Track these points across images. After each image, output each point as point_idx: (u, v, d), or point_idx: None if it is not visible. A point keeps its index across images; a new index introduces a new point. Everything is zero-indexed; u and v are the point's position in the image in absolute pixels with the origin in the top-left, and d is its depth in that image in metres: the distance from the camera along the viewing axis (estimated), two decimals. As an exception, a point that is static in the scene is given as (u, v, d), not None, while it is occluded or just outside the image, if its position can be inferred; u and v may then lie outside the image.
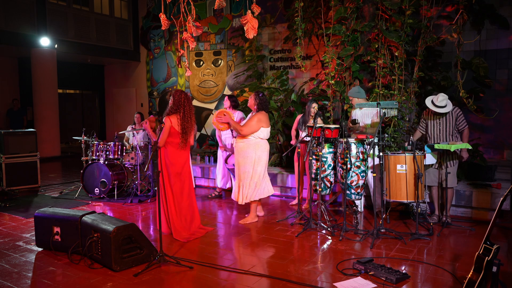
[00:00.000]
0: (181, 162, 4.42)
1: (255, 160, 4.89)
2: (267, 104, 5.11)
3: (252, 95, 5.05)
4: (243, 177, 4.90)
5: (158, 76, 12.03)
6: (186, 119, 4.35)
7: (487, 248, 2.60)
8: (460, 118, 4.75)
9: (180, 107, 4.34)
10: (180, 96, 4.36)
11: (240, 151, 4.92)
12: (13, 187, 6.82)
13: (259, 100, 4.97)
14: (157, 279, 3.39)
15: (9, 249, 4.16)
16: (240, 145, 4.94)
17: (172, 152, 4.37)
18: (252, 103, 5.02)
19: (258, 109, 4.97)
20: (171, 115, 4.33)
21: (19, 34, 10.44)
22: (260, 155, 4.91)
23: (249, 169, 4.88)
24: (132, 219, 5.27)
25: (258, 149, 4.90)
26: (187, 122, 4.35)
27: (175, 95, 4.38)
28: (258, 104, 4.96)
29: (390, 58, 5.96)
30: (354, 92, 5.27)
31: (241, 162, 4.91)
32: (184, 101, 4.35)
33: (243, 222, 5.04)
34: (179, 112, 4.34)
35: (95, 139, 6.45)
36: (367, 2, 6.23)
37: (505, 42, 6.41)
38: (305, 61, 8.07)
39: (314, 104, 5.57)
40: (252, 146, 4.89)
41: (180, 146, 4.37)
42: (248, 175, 4.89)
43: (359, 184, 4.61)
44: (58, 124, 11.68)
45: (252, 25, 3.90)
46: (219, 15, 10.35)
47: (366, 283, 3.21)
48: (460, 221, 4.93)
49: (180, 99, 4.35)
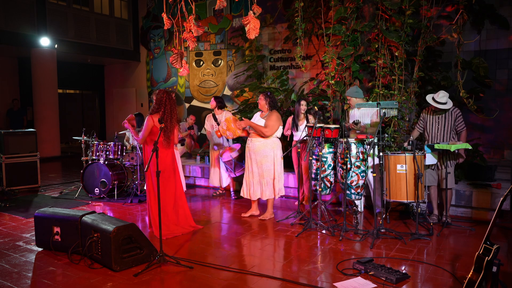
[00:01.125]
0: (165, 160, 4.47)
1: (275, 159, 5.02)
2: (277, 102, 5.24)
3: (261, 95, 5.13)
4: (266, 174, 5.02)
5: (158, 76, 12.03)
6: (169, 118, 4.45)
7: (487, 248, 2.60)
8: (459, 119, 4.77)
9: (161, 106, 4.45)
10: (162, 96, 4.49)
11: (257, 150, 5.01)
12: (13, 187, 6.82)
13: (269, 99, 5.08)
14: (157, 279, 3.39)
15: (9, 249, 4.16)
16: (257, 144, 5.02)
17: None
18: (263, 103, 5.11)
19: (271, 108, 5.08)
20: (153, 114, 4.46)
21: (19, 34, 10.44)
22: (277, 154, 5.07)
23: (270, 167, 5.02)
24: (132, 219, 5.27)
25: (276, 148, 5.06)
26: (169, 121, 4.45)
27: (158, 94, 4.51)
28: (270, 103, 5.08)
29: (390, 58, 5.96)
30: (353, 92, 5.28)
31: (262, 160, 5.01)
32: (165, 101, 4.47)
33: (262, 218, 5.15)
34: (160, 111, 4.44)
35: (95, 139, 6.45)
36: (367, 2, 6.23)
37: (505, 42, 6.41)
38: (305, 61, 8.07)
39: (302, 101, 5.65)
40: (269, 145, 5.01)
41: (163, 144, 4.45)
42: (270, 172, 5.02)
43: (359, 184, 4.61)
44: (58, 124, 11.68)
45: (254, 25, 3.90)
46: (219, 15, 10.35)
47: (366, 283, 3.21)
48: (460, 221, 4.93)
49: (162, 98, 4.47)
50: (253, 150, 5.05)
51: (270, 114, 5.04)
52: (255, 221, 5.10)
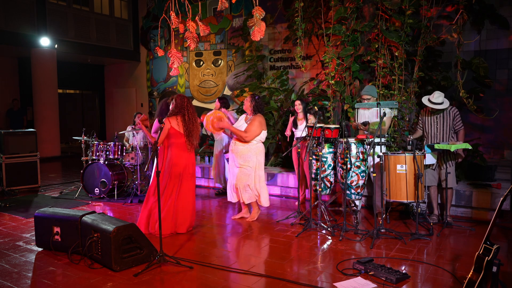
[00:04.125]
0: (184, 163, 4.49)
1: (257, 165, 4.94)
2: (263, 107, 5.15)
3: (248, 97, 5.06)
4: (245, 179, 4.91)
5: (158, 76, 12.03)
6: (192, 122, 4.50)
7: (487, 248, 2.60)
8: (457, 118, 4.77)
9: (183, 110, 4.50)
10: (183, 100, 4.56)
11: (240, 154, 4.93)
12: (13, 187, 6.82)
13: (255, 103, 4.99)
14: (157, 279, 3.40)
15: (9, 249, 4.16)
16: (240, 148, 4.93)
17: (176, 153, 4.47)
18: (247, 105, 5.02)
19: (255, 112, 4.99)
20: (170, 117, 4.49)
21: (19, 34, 10.44)
22: (260, 160, 4.98)
23: (250, 172, 4.92)
24: (132, 219, 5.27)
25: (259, 154, 4.97)
26: (192, 125, 4.50)
27: (177, 99, 4.57)
28: (254, 106, 4.98)
29: (390, 58, 5.96)
30: (373, 91, 5.17)
31: (242, 164, 4.93)
32: (187, 105, 4.54)
33: (250, 219, 5.09)
34: (180, 114, 4.48)
35: (95, 139, 6.45)
36: (367, 2, 6.23)
37: (505, 42, 6.41)
38: (305, 61, 8.07)
39: (296, 101, 5.65)
40: (253, 151, 4.92)
41: (187, 148, 4.49)
42: (249, 178, 4.91)
43: (359, 184, 4.61)
44: (58, 124, 11.68)
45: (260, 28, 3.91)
46: (219, 15, 10.35)
47: (366, 283, 3.21)
48: (460, 221, 4.93)
49: (183, 103, 4.54)
50: (236, 153, 4.96)
51: (253, 118, 4.94)
52: (255, 221, 5.10)
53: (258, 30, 3.92)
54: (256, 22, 3.88)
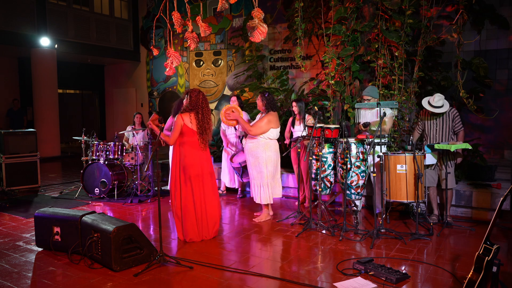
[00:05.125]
0: (201, 162, 4.26)
1: (266, 161, 4.93)
2: (275, 103, 5.14)
3: (259, 96, 5.08)
4: (258, 177, 4.94)
5: (158, 76, 12.04)
6: (206, 119, 4.24)
7: (487, 248, 2.60)
8: (456, 119, 4.76)
9: (198, 107, 4.22)
10: (198, 96, 4.25)
11: (250, 151, 4.97)
12: (13, 187, 6.81)
13: (266, 101, 5.01)
14: (157, 279, 3.39)
15: (9, 249, 4.16)
16: (250, 145, 4.97)
17: (189, 152, 4.23)
18: (260, 104, 5.07)
19: (268, 110, 5.02)
20: (183, 113, 4.21)
21: (19, 34, 10.44)
22: (269, 155, 4.95)
23: (263, 169, 4.93)
24: (132, 219, 5.27)
25: (268, 150, 4.94)
26: (206, 123, 4.24)
27: (194, 94, 4.26)
28: (266, 104, 5.01)
29: (390, 58, 5.96)
30: (375, 92, 5.15)
31: (253, 162, 4.95)
32: (202, 102, 4.24)
33: (257, 220, 5.08)
34: (194, 111, 4.22)
35: (95, 139, 6.45)
36: (367, 2, 6.22)
37: (505, 42, 6.41)
38: (305, 61, 8.07)
39: (293, 102, 5.66)
40: (261, 147, 4.92)
41: (201, 147, 4.24)
42: (263, 175, 4.93)
43: (359, 184, 4.61)
44: (58, 124, 11.68)
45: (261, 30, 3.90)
46: (219, 15, 10.35)
47: (366, 283, 3.21)
48: (460, 221, 4.92)
49: (198, 100, 4.24)
50: (246, 150, 5.01)
51: (265, 115, 4.97)
52: (255, 221, 5.10)
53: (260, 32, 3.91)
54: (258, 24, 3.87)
